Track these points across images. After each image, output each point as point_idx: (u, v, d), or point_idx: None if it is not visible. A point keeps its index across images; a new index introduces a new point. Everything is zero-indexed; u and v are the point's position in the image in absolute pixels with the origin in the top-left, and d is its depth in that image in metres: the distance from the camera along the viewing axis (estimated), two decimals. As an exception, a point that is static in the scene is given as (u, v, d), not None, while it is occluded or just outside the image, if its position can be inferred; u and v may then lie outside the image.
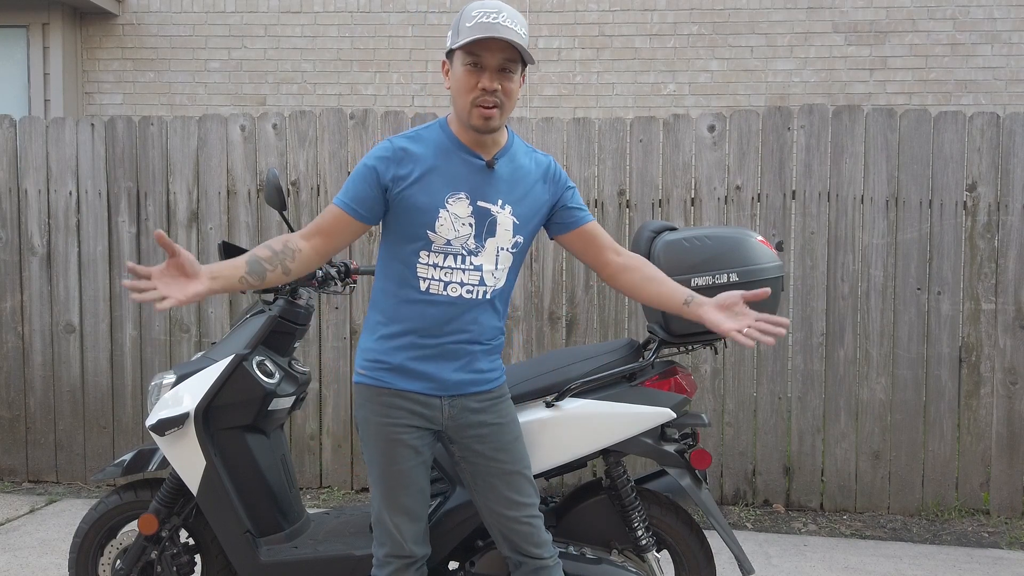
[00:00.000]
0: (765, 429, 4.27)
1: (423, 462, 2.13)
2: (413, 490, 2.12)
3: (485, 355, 2.14)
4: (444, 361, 2.09)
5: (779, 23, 6.55)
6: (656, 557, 2.53)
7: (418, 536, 2.15)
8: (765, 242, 2.50)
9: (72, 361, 4.60)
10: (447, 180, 2.04)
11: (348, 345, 4.45)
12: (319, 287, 2.79)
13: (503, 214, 2.07)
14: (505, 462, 2.14)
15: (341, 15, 6.83)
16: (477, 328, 2.10)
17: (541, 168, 2.15)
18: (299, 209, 4.45)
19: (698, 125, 4.26)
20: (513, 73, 2.00)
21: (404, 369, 2.08)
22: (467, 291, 2.06)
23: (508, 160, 2.11)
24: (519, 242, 2.11)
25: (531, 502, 2.18)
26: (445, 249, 2.04)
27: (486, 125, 1.99)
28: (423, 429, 2.12)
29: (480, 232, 2.05)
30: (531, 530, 2.16)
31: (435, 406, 2.11)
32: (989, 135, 4.14)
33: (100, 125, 4.55)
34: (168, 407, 2.61)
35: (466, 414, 2.13)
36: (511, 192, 2.09)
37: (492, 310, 2.12)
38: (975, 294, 4.16)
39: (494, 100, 1.98)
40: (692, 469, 2.52)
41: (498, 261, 2.08)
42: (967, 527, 4.07)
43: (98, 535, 2.77)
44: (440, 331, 2.07)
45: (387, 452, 2.10)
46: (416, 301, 2.05)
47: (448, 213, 2.03)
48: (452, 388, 2.11)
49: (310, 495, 4.42)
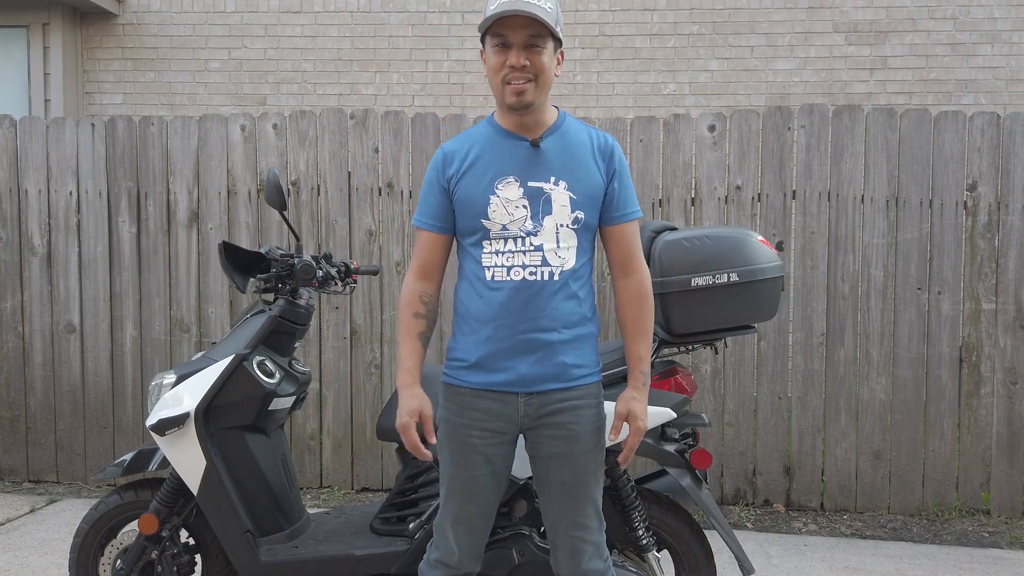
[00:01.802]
0: (765, 429, 4.27)
1: (493, 473, 2.06)
2: (478, 500, 2.07)
3: (568, 347, 2.04)
4: (521, 354, 2.02)
5: (779, 23, 6.55)
6: (656, 557, 2.53)
7: (473, 551, 2.09)
8: (765, 242, 2.50)
9: (72, 361, 4.60)
10: (494, 167, 2.05)
11: (348, 345, 4.45)
12: (319, 287, 2.79)
13: (557, 190, 2.03)
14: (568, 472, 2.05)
15: (341, 15, 6.83)
16: (551, 314, 2.02)
17: (595, 142, 2.09)
18: (299, 209, 4.45)
19: (698, 125, 4.26)
20: (542, 48, 1.98)
21: (480, 365, 2.05)
22: (530, 273, 2.01)
23: (558, 137, 2.07)
24: (579, 217, 2.04)
25: (585, 523, 2.07)
26: (503, 234, 2.02)
27: (519, 101, 2.00)
28: (498, 435, 2.05)
29: (536, 212, 2.02)
30: (577, 552, 2.07)
31: (511, 403, 2.04)
32: (989, 135, 4.13)
33: (100, 125, 4.56)
34: (168, 407, 2.61)
35: (544, 414, 2.04)
36: (564, 168, 2.04)
37: (566, 293, 2.03)
38: (975, 294, 4.16)
39: (525, 75, 1.98)
40: (692, 469, 2.52)
41: (559, 239, 2.02)
42: (967, 527, 4.07)
43: (98, 535, 2.77)
44: (512, 320, 2.01)
45: (457, 456, 2.07)
46: (485, 291, 2.04)
47: (499, 198, 2.03)
48: (530, 383, 2.03)
49: (310, 495, 4.42)
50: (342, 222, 4.43)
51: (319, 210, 4.46)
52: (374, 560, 2.56)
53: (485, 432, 2.05)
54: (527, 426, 2.06)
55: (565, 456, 2.04)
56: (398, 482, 2.69)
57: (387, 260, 4.42)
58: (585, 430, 2.07)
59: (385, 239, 4.42)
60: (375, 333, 4.43)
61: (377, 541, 2.62)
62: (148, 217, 4.54)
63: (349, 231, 4.43)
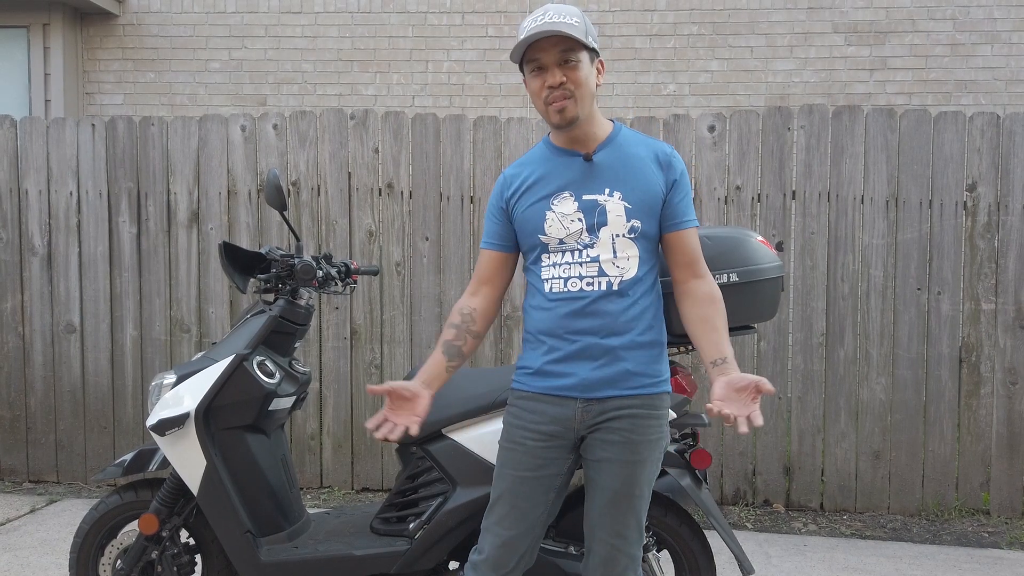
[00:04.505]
0: (765, 429, 4.27)
1: (540, 478, 2.04)
2: (512, 501, 2.05)
3: (630, 354, 2.03)
4: (582, 360, 2.03)
5: (779, 23, 6.56)
6: (656, 557, 2.53)
7: (507, 557, 2.06)
8: (765, 242, 2.50)
9: (73, 361, 4.60)
10: (549, 184, 2.08)
11: (348, 345, 4.45)
12: (319, 287, 2.79)
13: (612, 201, 2.03)
14: (618, 480, 2.02)
15: (341, 15, 6.83)
16: (612, 322, 2.01)
17: (653, 152, 2.09)
18: (299, 209, 4.45)
19: (698, 125, 4.26)
20: (577, 62, 2.00)
21: (543, 371, 2.06)
22: (587, 284, 2.03)
23: (612, 150, 2.08)
24: (636, 226, 2.03)
25: (625, 534, 2.04)
26: (560, 248, 2.05)
27: (562, 118, 2.02)
28: (553, 438, 2.04)
29: (591, 224, 2.03)
30: (611, 561, 2.04)
31: (569, 406, 2.03)
32: (989, 135, 4.14)
33: (101, 125, 4.56)
34: (169, 407, 2.62)
35: (602, 420, 2.02)
36: (618, 179, 2.05)
37: (627, 302, 2.03)
38: (975, 294, 4.16)
39: (563, 92, 2.00)
40: (692, 469, 2.52)
41: (615, 249, 2.03)
42: (967, 527, 4.07)
43: (99, 535, 2.77)
44: (572, 329, 2.03)
45: (506, 453, 2.08)
46: (545, 303, 2.06)
47: (554, 214, 2.05)
48: (590, 388, 2.02)
49: (310, 495, 4.42)
50: (342, 222, 4.43)
51: (319, 210, 4.46)
52: (374, 560, 2.56)
53: (540, 435, 2.05)
54: (584, 432, 2.05)
55: (617, 463, 2.02)
56: (398, 482, 2.69)
57: (387, 260, 4.42)
58: (642, 440, 2.04)
59: (385, 239, 4.43)
60: (375, 333, 4.43)
61: (377, 541, 2.62)
62: (148, 217, 4.55)
63: (349, 231, 4.43)
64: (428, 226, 4.40)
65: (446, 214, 4.39)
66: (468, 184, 4.37)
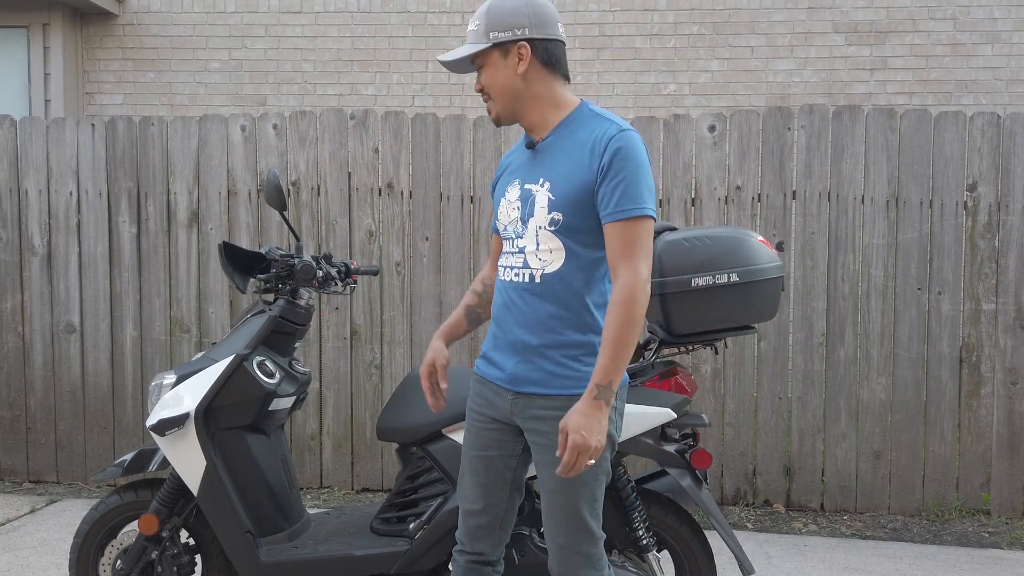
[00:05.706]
0: (765, 429, 4.27)
1: (489, 459, 2.12)
2: (470, 477, 2.15)
3: (553, 353, 1.99)
4: (509, 352, 2.05)
5: (779, 23, 6.55)
6: (656, 557, 2.53)
7: (476, 533, 2.16)
8: (765, 242, 2.50)
9: (72, 361, 4.60)
10: (512, 172, 2.13)
11: (348, 345, 4.45)
12: (319, 287, 2.79)
13: (541, 191, 2.01)
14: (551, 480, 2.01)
15: (341, 15, 6.83)
16: (534, 317, 1.98)
17: (593, 136, 1.95)
18: (299, 209, 4.45)
19: (698, 125, 4.26)
20: (483, 67, 2.05)
21: (486, 357, 2.14)
22: (515, 274, 2.04)
23: (558, 135, 2.02)
24: (557, 219, 1.96)
25: (571, 533, 2.02)
26: (505, 235, 2.10)
27: (493, 118, 2.10)
28: (494, 422, 2.11)
29: (524, 214, 2.04)
30: (563, 559, 2.05)
31: (504, 396, 2.07)
32: (989, 135, 4.13)
33: (100, 125, 4.56)
34: (169, 407, 2.62)
35: (529, 417, 2.03)
36: (553, 168, 2.00)
37: (550, 297, 1.98)
38: (975, 294, 4.16)
39: (485, 96, 2.08)
40: (692, 469, 2.52)
41: (539, 241, 1.99)
42: (967, 527, 4.07)
43: (99, 535, 2.78)
44: (502, 319, 2.07)
45: (466, 433, 2.18)
46: (497, 290, 2.13)
47: (505, 200, 2.10)
48: (516, 383, 2.04)
49: (310, 495, 4.42)
50: (342, 222, 4.43)
51: (319, 210, 4.46)
52: (374, 560, 2.56)
53: (484, 417, 2.13)
54: (520, 424, 2.08)
55: (548, 464, 2.01)
56: (398, 482, 2.69)
57: (387, 260, 4.42)
58: None
59: (385, 239, 4.42)
60: (375, 333, 4.43)
61: (377, 541, 2.62)
62: (148, 217, 4.54)
63: (349, 231, 4.43)
64: (428, 226, 4.40)
65: (446, 214, 4.39)
66: (468, 184, 4.37)
